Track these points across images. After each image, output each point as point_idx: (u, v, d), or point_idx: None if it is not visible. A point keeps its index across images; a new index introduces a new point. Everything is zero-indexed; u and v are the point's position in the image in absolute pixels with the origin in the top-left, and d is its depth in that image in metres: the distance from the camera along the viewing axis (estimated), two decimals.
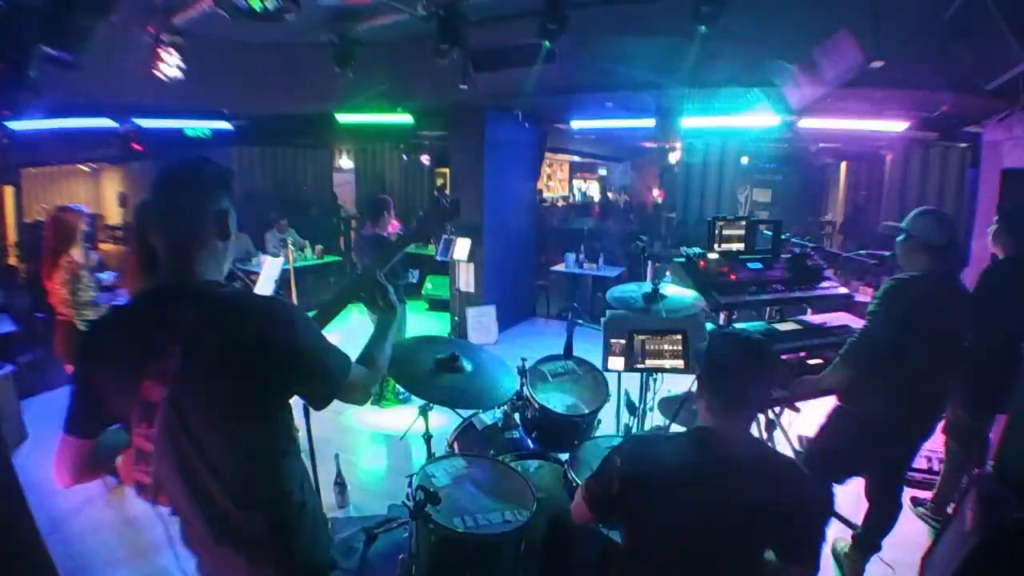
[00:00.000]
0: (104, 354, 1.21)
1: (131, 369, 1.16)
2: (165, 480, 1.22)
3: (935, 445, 3.69)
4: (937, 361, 2.35)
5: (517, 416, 2.85)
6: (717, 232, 3.39)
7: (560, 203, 14.48)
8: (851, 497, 2.75)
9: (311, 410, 2.67)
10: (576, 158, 15.28)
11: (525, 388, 2.80)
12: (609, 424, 3.08)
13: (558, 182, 16.62)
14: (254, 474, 1.23)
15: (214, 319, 1.18)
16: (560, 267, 7.54)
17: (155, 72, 4.15)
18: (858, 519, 2.72)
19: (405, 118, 6.68)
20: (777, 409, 3.29)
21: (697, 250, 3.36)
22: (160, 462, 1.20)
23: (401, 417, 4.47)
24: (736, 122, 5.80)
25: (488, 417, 2.91)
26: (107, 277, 3.66)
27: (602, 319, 2.88)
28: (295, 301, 4.44)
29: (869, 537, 2.63)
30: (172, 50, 4.14)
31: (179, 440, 1.17)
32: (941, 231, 2.36)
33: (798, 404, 3.01)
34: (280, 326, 1.22)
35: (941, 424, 3.08)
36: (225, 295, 1.23)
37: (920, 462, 3.58)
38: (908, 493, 3.21)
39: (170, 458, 1.19)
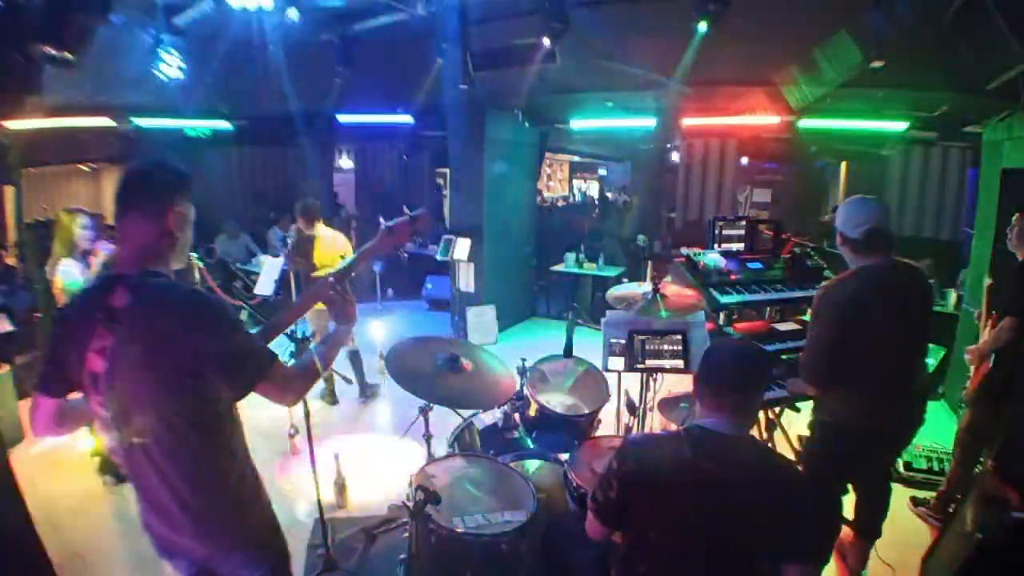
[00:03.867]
0: (65, 327, 1.40)
1: (80, 343, 1.33)
2: (115, 449, 1.36)
3: (935, 445, 3.70)
4: (898, 354, 2.22)
5: (517, 416, 2.85)
6: (717, 232, 3.40)
7: (560, 203, 14.48)
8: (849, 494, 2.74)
9: (310, 409, 2.69)
10: (576, 158, 15.28)
11: (525, 388, 2.80)
12: (609, 424, 3.08)
13: (558, 182, 16.62)
14: (182, 449, 1.35)
15: (141, 306, 1.32)
16: (560, 267, 7.54)
17: (155, 72, 4.15)
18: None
19: (405, 118, 6.68)
20: (777, 409, 3.29)
21: (697, 250, 3.36)
22: (110, 430, 1.34)
23: (401, 417, 4.47)
24: (736, 122, 5.80)
25: (488, 417, 2.91)
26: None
27: (602, 319, 2.87)
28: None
29: (864, 525, 2.61)
30: (172, 50, 4.15)
31: (118, 410, 1.33)
32: (854, 223, 2.19)
33: (798, 404, 3.01)
34: (194, 317, 1.34)
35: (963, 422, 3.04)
36: (156, 285, 1.36)
37: (920, 462, 3.58)
38: (908, 492, 3.19)
39: (114, 427, 1.33)
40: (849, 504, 2.69)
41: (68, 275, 3.29)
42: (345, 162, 10.96)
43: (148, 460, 1.35)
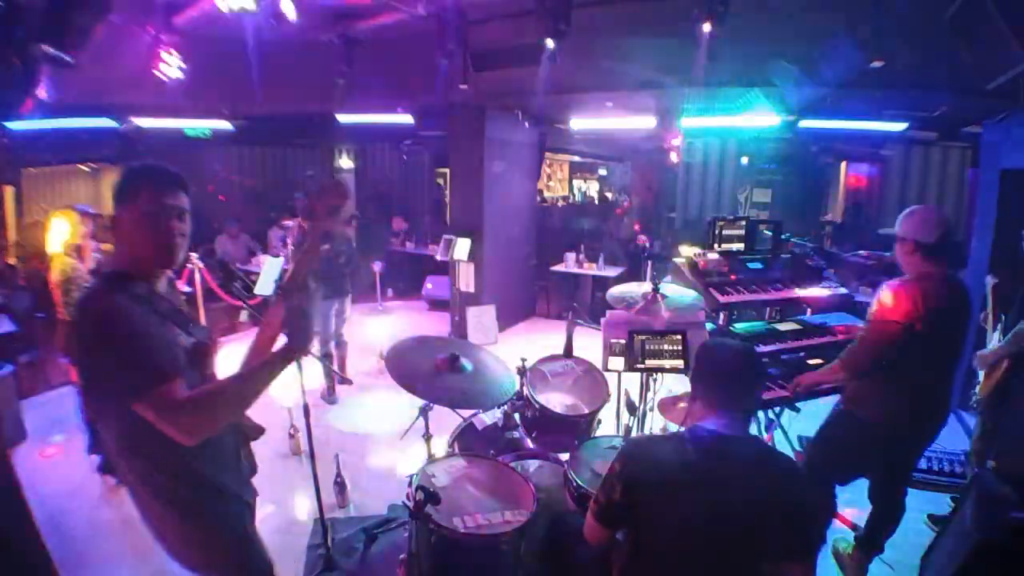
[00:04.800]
0: None
1: None
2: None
3: (935, 445, 3.70)
4: (942, 364, 2.32)
5: (517, 416, 2.85)
6: (717, 232, 3.39)
7: (560, 203, 14.47)
8: (853, 497, 2.75)
9: (310, 409, 2.69)
10: (576, 158, 15.28)
11: (525, 388, 2.80)
12: (609, 424, 3.08)
13: (558, 182, 16.61)
14: (121, 461, 1.43)
15: (75, 315, 1.39)
16: (560, 267, 7.54)
17: (155, 72, 4.15)
18: (860, 519, 2.71)
19: (405, 118, 6.68)
20: (777, 409, 3.29)
21: (697, 250, 3.36)
22: None
23: (401, 417, 4.47)
24: (736, 122, 5.80)
25: (488, 417, 2.91)
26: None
27: (602, 319, 2.87)
28: None
29: (872, 537, 2.61)
30: (172, 50, 4.15)
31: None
32: (929, 228, 2.28)
33: (798, 404, 3.01)
34: (80, 329, 1.33)
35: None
36: (86, 294, 1.43)
37: (920, 462, 3.57)
38: (925, 511, 3.18)
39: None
40: (854, 508, 2.70)
41: None
42: (345, 162, 10.96)
43: (111, 455, 1.48)
